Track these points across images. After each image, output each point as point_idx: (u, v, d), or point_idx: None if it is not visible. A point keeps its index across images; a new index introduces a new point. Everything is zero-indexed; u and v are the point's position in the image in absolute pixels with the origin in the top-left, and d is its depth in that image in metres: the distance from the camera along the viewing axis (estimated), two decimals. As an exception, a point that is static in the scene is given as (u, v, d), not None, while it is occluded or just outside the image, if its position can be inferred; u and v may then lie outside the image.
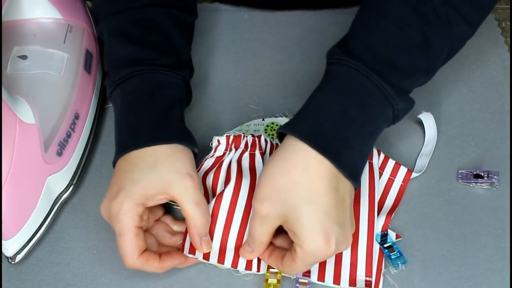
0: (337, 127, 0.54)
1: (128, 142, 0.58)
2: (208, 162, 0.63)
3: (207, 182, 0.62)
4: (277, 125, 0.68)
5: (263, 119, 0.69)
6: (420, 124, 0.68)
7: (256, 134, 0.64)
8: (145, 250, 0.56)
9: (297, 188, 0.52)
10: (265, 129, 0.68)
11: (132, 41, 0.63)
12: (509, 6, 0.82)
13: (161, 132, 0.58)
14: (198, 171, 0.63)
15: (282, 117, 0.69)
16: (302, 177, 0.52)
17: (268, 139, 0.63)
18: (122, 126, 0.60)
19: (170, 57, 0.63)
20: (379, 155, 0.64)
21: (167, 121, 0.60)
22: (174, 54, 0.64)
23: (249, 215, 0.59)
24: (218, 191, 0.61)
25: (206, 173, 0.63)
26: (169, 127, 0.59)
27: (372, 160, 0.63)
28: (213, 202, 0.59)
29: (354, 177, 0.54)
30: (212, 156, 0.63)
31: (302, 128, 0.54)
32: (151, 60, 0.62)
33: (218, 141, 0.63)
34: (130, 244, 0.55)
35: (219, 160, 0.63)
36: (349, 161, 0.54)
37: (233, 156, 0.62)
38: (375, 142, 0.57)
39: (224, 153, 0.63)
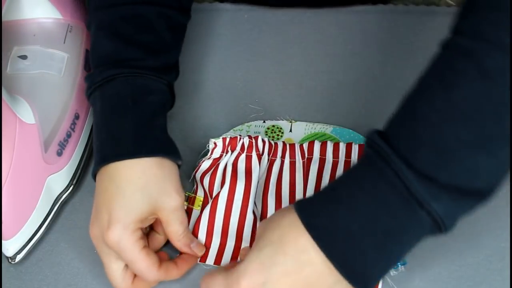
0: (336, 212, 0.47)
1: (109, 153, 0.56)
2: (205, 164, 0.63)
3: (204, 184, 0.62)
4: (278, 127, 0.68)
5: (264, 121, 0.69)
6: (420, 124, 0.68)
7: (257, 135, 0.64)
8: (160, 262, 0.56)
9: None
10: (266, 131, 0.68)
11: (120, 38, 0.61)
12: (509, 6, 0.81)
13: (144, 144, 0.56)
14: (195, 172, 0.63)
15: (283, 120, 0.69)
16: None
17: (266, 140, 0.63)
18: (102, 133, 0.58)
19: (158, 58, 0.61)
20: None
21: (150, 132, 0.57)
22: (163, 55, 0.62)
23: (245, 219, 0.60)
24: (214, 194, 0.61)
25: (204, 174, 0.63)
26: (153, 138, 0.57)
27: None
28: (209, 207, 0.60)
29: (355, 279, 0.47)
30: (209, 158, 0.63)
31: (302, 205, 0.50)
32: (137, 61, 0.60)
33: (215, 143, 0.63)
34: (146, 265, 0.54)
35: (216, 162, 0.63)
36: (348, 256, 0.46)
37: (228, 159, 0.62)
38: (403, 249, 0.47)
39: (221, 155, 0.63)
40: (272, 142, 0.64)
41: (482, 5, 0.45)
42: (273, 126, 0.69)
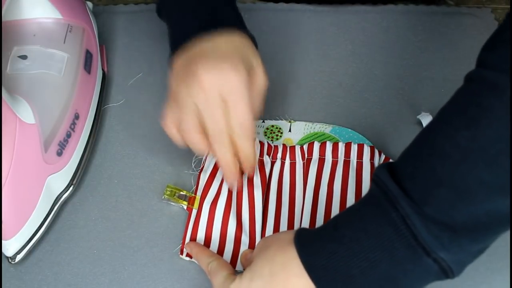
0: (337, 253, 0.45)
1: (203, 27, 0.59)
2: (210, 165, 0.63)
3: (203, 182, 0.63)
4: (277, 127, 0.68)
5: (263, 121, 0.69)
6: (420, 124, 0.68)
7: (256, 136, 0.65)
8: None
9: None
10: (265, 132, 0.68)
11: None
12: (509, 6, 0.82)
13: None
14: (200, 172, 0.64)
15: (282, 120, 0.69)
16: None
17: (265, 142, 0.63)
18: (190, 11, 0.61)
19: None
20: (380, 155, 0.64)
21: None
22: None
23: (241, 219, 0.60)
24: (209, 193, 0.61)
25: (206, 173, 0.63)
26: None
27: (373, 160, 0.63)
28: (208, 207, 0.60)
29: None
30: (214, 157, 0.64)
31: (302, 241, 0.48)
32: None
33: None
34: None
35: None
36: None
37: None
38: None
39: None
40: (272, 144, 0.64)
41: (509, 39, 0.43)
42: (272, 126, 0.69)
